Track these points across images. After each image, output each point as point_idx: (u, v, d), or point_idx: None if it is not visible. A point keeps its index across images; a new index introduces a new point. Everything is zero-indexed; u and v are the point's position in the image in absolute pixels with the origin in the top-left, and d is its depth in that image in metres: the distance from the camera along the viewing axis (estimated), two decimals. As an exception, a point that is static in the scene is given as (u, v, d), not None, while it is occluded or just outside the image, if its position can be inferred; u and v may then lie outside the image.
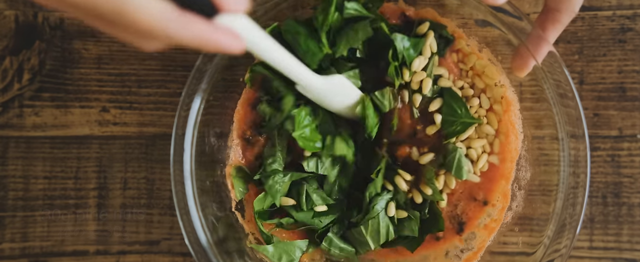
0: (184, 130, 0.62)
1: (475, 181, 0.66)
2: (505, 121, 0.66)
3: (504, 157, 0.66)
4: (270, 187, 0.65)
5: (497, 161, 0.66)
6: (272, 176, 0.65)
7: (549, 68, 0.60)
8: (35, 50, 0.74)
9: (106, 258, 0.73)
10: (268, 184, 0.66)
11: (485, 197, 0.66)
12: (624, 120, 0.72)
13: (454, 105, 0.65)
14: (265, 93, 0.67)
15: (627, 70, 0.73)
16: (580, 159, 0.60)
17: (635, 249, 0.72)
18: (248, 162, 0.68)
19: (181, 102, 0.62)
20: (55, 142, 0.74)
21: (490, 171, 0.66)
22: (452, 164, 0.64)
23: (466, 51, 0.66)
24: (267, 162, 0.66)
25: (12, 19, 0.74)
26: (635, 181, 0.72)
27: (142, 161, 0.74)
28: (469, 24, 0.65)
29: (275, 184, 0.66)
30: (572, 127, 0.60)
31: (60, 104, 0.74)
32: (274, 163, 0.66)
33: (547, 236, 0.61)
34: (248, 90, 0.68)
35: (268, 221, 0.67)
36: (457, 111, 0.65)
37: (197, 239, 0.62)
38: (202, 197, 0.63)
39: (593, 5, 0.73)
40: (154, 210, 0.73)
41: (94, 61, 0.74)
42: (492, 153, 0.66)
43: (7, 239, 0.73)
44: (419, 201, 0.66)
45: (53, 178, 0.74)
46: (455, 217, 0.67)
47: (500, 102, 0.66)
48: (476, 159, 0.66)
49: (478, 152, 0.66)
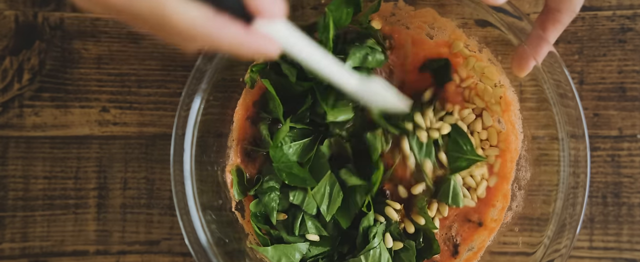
0: (184, 130, 0.62)
1: (471, 205, 0.66)
2: (505, 121, 0.66)
3: (503, 175, 0.66)
4: (265, 204, 0.66)
5: (495, 181, 0.66)
6: (268, 193, 0.65)
7: (549, 68, 0.60)
8: (35, 50, 0.74)
9: (106, 258, 0.73)
10: (264, 200, 0.66)
11: (480, 218, 0.66)
12: (624, 120, 0.72)
13: (460, 142, 0.64)
14: (264, 111, 0.67)
15: (627, 70, 0.73)
16: (580, 159, 0.60)
17: (635, 249, 0.72)
18: (250, 173, 0.68)
19: (181, 102, 0.62)
20: (55, 142, 0.74)
21: (487, 194, 0.66)
22: (448, 194, 0.64)
23: (465, 54, 0.66)
24: (265, 178, 0.66)
25: (12, 19, 0.74)
26: (635, 181, 0.72)
27: (142, 161, 0.74)
28: (469, 24, 0.65)
29: (271, 201, 0.66)
30: (572, 127, 0.60)
31: (60, 104, 0.74)
32: (270, 180, 0.66)
33: (547, 236, 0.61)
34: (246, 95, 0.67)
35: (263, 225, 0.67)
36: (462, 148, 0.64)
37: (197, 239, 0.62)
38: (202, 197, 0.63)
39: (593, 5, 0.73)
40: (154, 210, 0.73)
41: (94, 61, 0.74)
42: (492, 174, 0.66)
43: (7, 239, 0.73)
44: (411, 230, 0.66)
45: (53, 178, 0.74)
46: (450, 239, 0.67)
47: (499, 103, 0.66)
48: (475, 186, 0.66)
49: (477, 180, 0.66)
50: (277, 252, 0.66)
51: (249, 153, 0.67)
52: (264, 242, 0.66)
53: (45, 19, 0.74)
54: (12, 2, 0.74)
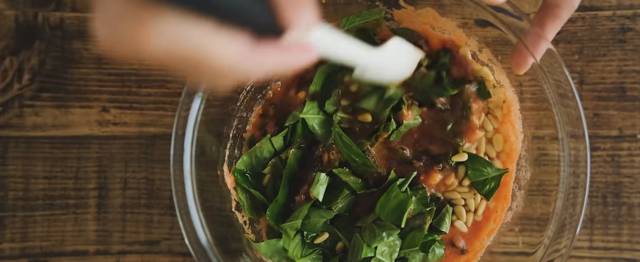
0: (184, 130, 0.62)
1: (463, 230, 0.66)
2: (505, 122, 0.66)
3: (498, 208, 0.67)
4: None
5: (491, 205, 0.67)
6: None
7: (549, 68, 0.60)
8: (35, 50, 0.74)
9: (106, 258, 0.73)
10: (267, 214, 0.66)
11: (466, 246, 0.67)
12: (624, 120, 0.72)
13: (480, 167, 0.65)
14: (276, 125, 0.68)
15: (627, 70, 0.73)
16: (580, 159, 0.60)
17: (635, 249, 0.72)
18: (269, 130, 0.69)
19: (181, 102, 0.62)
20: (55, 142, 0.74)
21: (477, 224, 0.67)
22: (442, 223, 0.65)
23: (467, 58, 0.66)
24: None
25: (12, 19, 0.74)
26: (635, 181, 0.72)
27: (142, 161, 0.74)
28: (469, 24, 0.65)
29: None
30: (572, 127, 0.60)
31: (60, 104, 0.74)
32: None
33: (547, 236, 0.61)
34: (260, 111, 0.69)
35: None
36: (483, 171, 0.65)
37: (197, 239, 0.62)
38: (202, 197, 0.63)
39: (593, 5, 0.73)
40: (154, 210, 0.73)
41: (94, 61, 0.74)
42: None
43: (7, 239, 0.73)
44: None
45: (53, 178, 0.74)
46: None
47: (500, 107, 0.66)
48: (473, 210, 0.66)
49: (477, 201, 0.66)
50: (270, 247, 0.66)
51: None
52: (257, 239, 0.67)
53: (45, 19, 0.74)
54: (12, 2, 0.74)
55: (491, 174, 0.65)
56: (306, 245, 0.65)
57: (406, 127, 0.65)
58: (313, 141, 0.67)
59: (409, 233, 0.64)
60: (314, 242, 0.65)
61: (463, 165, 0.66)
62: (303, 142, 0.67)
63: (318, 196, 0.63)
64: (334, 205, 0.64)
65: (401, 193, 0.63)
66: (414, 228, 0.64)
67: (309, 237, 0.65)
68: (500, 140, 0.66)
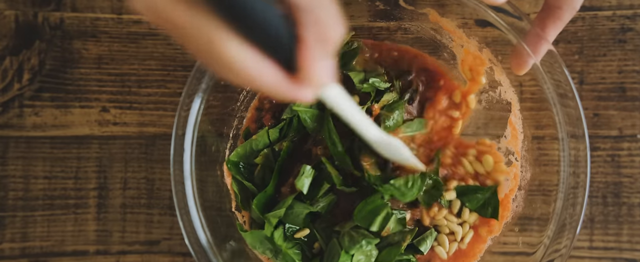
0: (184, 130, 0.62)
1: (442, 256, 0.66)
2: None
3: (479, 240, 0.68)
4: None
5: (480, 233, 0.67)
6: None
7: (549, 68, 0.60)
8: (35, 50, 0.74)
9: (106, 258, 0.73)
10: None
11: None
12: (624, 120, 0.72)
13: (472, 195, 0.66)
14: (273, 118, 0.68)
15: (627, 70, 0.73)
16: (580, 159, 0.60)
17: (635, 249, 0.72)
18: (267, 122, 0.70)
19: (181, 102, 0.62)
20: (55, 142, 0.74)
21: (461, 252, 0.67)
22: (423, 242, 0.65)
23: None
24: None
25: (12, 19, 0.74)
26: (635, 181, 0.72)
27: (142, 161, 0.74)
28: (469, 24, 0.65)
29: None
30: (572, 127, 0.60)
31: (60, 104, 0.74)
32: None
33: (547, 236, 0.61)
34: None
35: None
36: (478, 196, 0.65)
37: (197, 239, 0.62)
38: (202, 197, 0.63)
39: (593, 5, 0.73)
40: (154, 210, 0.73)
41: (94, 61, 0.74)
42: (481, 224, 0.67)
43: (7, 239, 0.73)
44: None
45: (53, 178, 0.74)
46: None
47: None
48: (459, 239, 0.67)
49: (465, 230, 0.66)
50: (254, 237, 0.66)
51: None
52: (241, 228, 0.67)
53: (45, 19, 0.74)
54: (12, 2, 0.74)
55: (486, 194, 0.65)
56: (287, 238, 0.66)
57: None
58: (306, 135, 0.67)
59: (385, 248, 0.64)
60: (293, 236, 0.66)
61: (456, 199, 0.66)
62: (296, 136, 0.67)
63: (302, 188, 0.64)
64: (316, 202, 0.64)
65: (379, 199, 0.63)
66: (392, 243, 0.64)
67: (289, 230, 0.65)
68: (490, 160, 0.66)
